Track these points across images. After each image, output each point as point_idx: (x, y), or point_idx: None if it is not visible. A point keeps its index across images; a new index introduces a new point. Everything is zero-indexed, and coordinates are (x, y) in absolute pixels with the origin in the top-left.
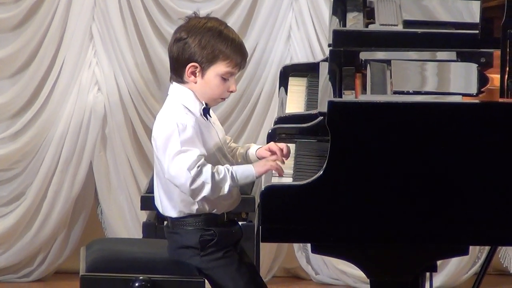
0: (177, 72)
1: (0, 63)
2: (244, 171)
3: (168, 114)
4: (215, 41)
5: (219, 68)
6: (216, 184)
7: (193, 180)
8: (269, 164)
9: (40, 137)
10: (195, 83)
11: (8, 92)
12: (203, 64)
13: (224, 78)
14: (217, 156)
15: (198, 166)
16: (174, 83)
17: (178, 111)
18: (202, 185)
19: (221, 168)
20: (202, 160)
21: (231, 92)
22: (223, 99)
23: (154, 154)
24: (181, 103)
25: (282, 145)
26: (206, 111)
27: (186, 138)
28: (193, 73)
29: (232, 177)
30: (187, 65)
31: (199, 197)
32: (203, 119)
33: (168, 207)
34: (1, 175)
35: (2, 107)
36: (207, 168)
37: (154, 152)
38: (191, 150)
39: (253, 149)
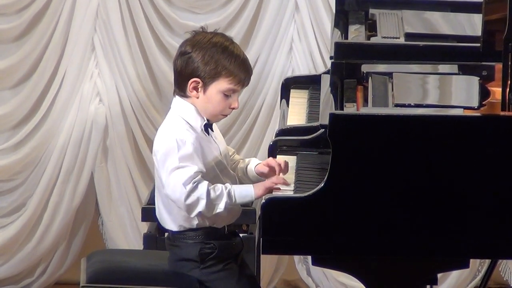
0: (180, 86)
1: (2, 74)
2: (242, 191)
3: (169, 129)
4: (218, 56)
5: (222, 84)
6: (211, 201)
7: (188, 195)
8: (268, 184)
9: (41, 148)
10: (197, 98)
11: (9, 103)
12: (206, 79)
13: (226, 95)
14: (216, 170)
15: (194, 182)
16: (177, 96)
17: (179, 126)
18: (197, 201)
19: (219, 186)
20: (199, 176)
21: (233, 109)
22: (225, 115)
23: (155, 168)
24: (182, 117)
25: (281, 161)
26: (207, 126)
27: (185, 154)
28: (195, 88)
29: (229, 195)
30: (189, 79)
31: (194, 213)
32: (204, 135)
33: (168, 220)
34: (2, 186)
35: (4, 118)
36: (203, 185)
37: (155, 166)
38: (188, 166)
39: (253, 165)
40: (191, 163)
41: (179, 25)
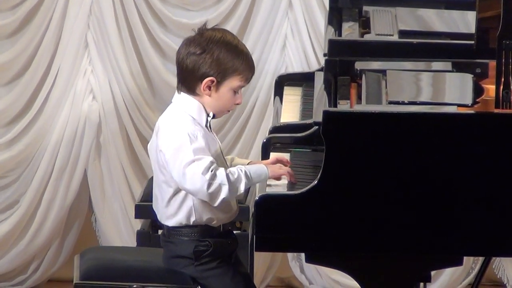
0: (189, 84)
1: None
2: (256, 170)
3: (177, 124)
4: (231, 56)
5: (233, 82)
6: (233, 185)
7: (209, 183)
8: (285, 170)
9: (35, 145)
10: (209, 96)
11: (2, 100)
12: (219, 78)
13: (235, 92)
14: (217, 163)
15: (212, 170)
16: (182, 93)
17: (187, 121)
18: (219, 188)
19: (233, 169)
20: (215, 165)
21: (237, 104)
22: (229, 111)
23: (156, 164)
24: (188, 113)
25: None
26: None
27: (198, 147)
28: (209, 87)
29: (247, 176)
30: (203, 79)
31: (218, 200)
32: (207, 130)
33: (165, 215)
34: None
35: None
36: (221, 171)
37: (158, 162)
38: (204, 157)
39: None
40: (205, 155)
41: (173, 22)
